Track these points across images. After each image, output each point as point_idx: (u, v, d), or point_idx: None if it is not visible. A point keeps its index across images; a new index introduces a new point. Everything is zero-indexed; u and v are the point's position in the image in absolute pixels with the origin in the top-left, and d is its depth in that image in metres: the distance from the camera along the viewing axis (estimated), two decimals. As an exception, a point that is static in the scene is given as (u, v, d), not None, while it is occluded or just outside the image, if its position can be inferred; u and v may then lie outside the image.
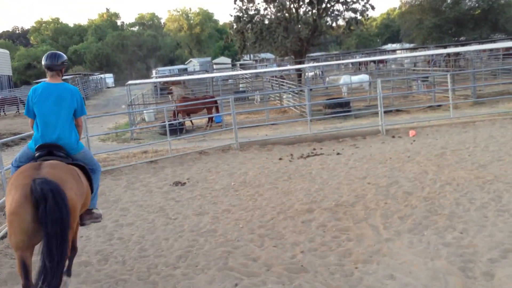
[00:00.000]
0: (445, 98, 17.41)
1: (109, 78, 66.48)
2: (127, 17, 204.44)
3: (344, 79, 22.54)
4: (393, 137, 12.58)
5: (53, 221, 4.04)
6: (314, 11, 30.34)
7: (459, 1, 39.59)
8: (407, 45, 52.19)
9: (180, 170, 10.82)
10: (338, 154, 11.11)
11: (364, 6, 30.32)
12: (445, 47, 35.29)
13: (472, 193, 7.16)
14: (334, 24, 32.10)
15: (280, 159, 11.17)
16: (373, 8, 30.55)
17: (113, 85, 64.64)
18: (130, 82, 23.00)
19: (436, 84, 20.71)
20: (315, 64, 35.18)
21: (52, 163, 4.60)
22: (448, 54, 29.91)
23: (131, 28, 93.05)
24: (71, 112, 5.00)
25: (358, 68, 37.12)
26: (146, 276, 5.40)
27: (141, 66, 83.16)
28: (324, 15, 30.46)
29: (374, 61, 34.10)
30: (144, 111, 21.50)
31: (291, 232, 6.34)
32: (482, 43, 33.91)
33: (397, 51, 49.02)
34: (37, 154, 4.78)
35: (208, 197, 8.50)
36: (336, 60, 44.90)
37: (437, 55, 30.21)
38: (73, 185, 4.46)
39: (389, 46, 66.35)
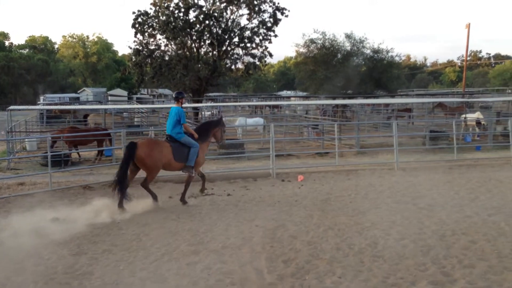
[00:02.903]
0: (332, 146, 18.46)
1: (-11, 100, 61.10)
2: (17, 38, 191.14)
3: (239, 120, 23.00)
4: (283, 180, 12.94)
5: (125, 157, 9.59)
6: (214, 52, 30.91)
7: (348, 58, 42.95)
8: (300, 93, 55.03)
9: (60, 206, 10.02)
10: (228, 195, 11.13)
11: (262, 52, 31.56)
12: (334, 98, 37.70)
13: (351, 238, 7.51)
14: (233, 67, 32.88)
15: (170, 197, 10.90)
16: (271, 55, 31.92)
17: (-7, 109, 59.43)
18: (11, 107, 21.27)
19: (325, 132, 21.92)
20: (213, 104, 35.58)
21: (150, 139, 12.38)
22: (337, 105, 31.99)
23: (20, 50, 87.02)
24: (177, 120, 9.91)
25: (254, 111, 38.20)
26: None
27: (28, 91, 77.61)
28: (224, 57, 31.13)
29: (269, 106, 35.39)
30: (26, 139, 19.95)
31: (175, 275, 6.12)
32: (367, 97, 36.84)
33: (292, 98, 51.47)
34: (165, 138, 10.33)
35: (88, 235, 7.96)
36: (234, 101, 45.91)
37: (327, 105, 32.17)
38: (146, 149, 9.57)
39: (284, 93, 69.55)
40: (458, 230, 7.87)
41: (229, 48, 31.18)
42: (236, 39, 30.88)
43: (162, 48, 30.32)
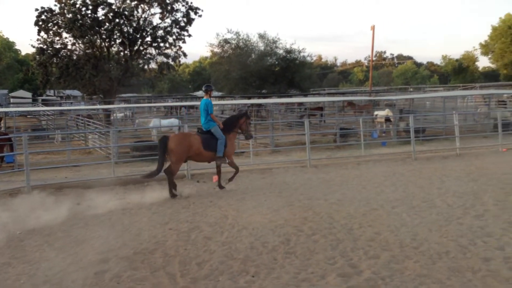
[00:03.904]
0: (247, 145, 18.61)
1: None
2: None
3: (154, 122, 22.50)
4: (198, 182, 12.82)
5: (160, 151, 10.69)
6: (126, 51, 30.01)
7: (262, 58, 43.65)
8: (216, 93, 55.02)
9: (-48, 218, 9.14)
10: (141, 198, 10.78)
11: (176, 52, 31.23)
12: (249, 98, 38.16)
13: (265, 236, 7.59)
14: (146, 67, 32.13)
15: (78, 204, 10.35)
16: (185, 55, 31.69)
17: None
18: None
19: (240, 132, 22.01)
20: (125, 105, 34.43)
21: (182, 132, 13.07)
22: (252, 105, 32.38)
23: None
24: (206, 111, 10.95)
25: (169, 112, 37.54)
26: None
27: None
28: (136, 57, 30.34)
29: (185, 106, 34.94)
30: None
31: (81, 286, 5.79)
32: (281, 97, 37.67)
33: (207, 98, 51.14)
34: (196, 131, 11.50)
35: (-16, 249, 7.32)
36: (148, 102, 44.83)
37: (242, 104, 32.41)
38: (176, 140, 10.67)
39: (200, 93, 69.04)
40: (364, 223, 8.24)
41: (141, 48, 30.45)
42: (148, 39, 30.27)
43: (69, 47, 28.96)
